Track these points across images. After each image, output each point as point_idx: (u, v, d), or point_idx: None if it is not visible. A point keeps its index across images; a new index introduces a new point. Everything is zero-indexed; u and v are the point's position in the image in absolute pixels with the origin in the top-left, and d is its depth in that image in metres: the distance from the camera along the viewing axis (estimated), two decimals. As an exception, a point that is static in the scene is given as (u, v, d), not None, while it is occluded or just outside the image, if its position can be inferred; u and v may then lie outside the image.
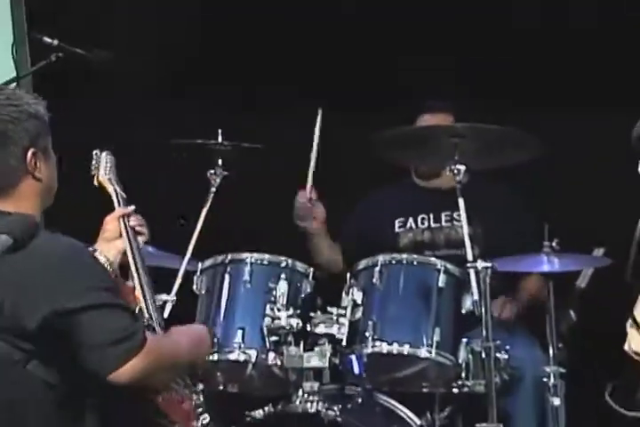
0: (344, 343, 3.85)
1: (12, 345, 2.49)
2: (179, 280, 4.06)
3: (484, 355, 3.94)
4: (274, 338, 3.83)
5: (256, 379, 4.03)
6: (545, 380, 4.22)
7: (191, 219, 4.16)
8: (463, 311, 4.04)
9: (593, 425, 4.33)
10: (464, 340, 4.05)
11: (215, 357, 3.86)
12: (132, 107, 4.86)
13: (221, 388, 4.08)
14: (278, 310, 3.83)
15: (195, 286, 3.99)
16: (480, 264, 3.86)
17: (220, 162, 4.19)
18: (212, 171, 4.18)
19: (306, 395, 3.83)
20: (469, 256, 3.96)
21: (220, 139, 4.18)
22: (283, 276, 3.90)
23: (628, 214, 2.62)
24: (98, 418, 2.56)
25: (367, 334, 3.89)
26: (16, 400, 2.53)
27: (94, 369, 2.49)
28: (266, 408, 3.88)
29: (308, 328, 3.85)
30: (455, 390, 4.08)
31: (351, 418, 3.91)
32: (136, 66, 4.56)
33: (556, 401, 4.18)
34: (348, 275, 4.00)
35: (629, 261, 2.61)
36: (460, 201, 4.04)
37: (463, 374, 4.03)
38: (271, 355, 3.84)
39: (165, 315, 3.72)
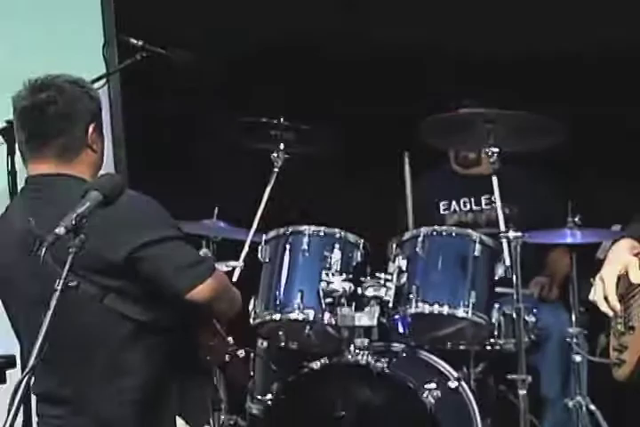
0: (390, 305, 3.86)
1: (91, 282, 2.56)
2: (245, 250, 4.13)
3: (514, 315, 3.94)
4: (328, 300, 3.83)
5: (313, 336, 4.05)
6: (569, 340, 4.23)
7: (257, 196, 4.20)
8: (496, 278, 4.03)
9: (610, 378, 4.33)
10: (496, 305, 4.03)
11: (277, 316, 3.90)
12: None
13: (283, 344, 4.11)
14: (332, 275, 3.85)
15: (259, 255, 4.00)
16: (512, 234, 3.87)
17: (282, 146, 4.23)
18: (275, 154, 4.23)
19: (357, 350, 3.83)
20: (502, 227, 3.98)
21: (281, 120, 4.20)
22: (337, 246, 3.92)
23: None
24: (164, 349, 2.63)
25: (411, 296, 3.89)
26: (92, 331, 2.61)
27: (175, 289, 2.57)
28: (322, 360, 3.92)
29: (359, 291, 3.86)
30: (488, 348, 4.07)
31: (397, 370, 3.92)
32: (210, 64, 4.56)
33: (578, 358, 4.19)
34: (394, 245, 4.00)
35: None
36: (494, 179, 4.04)
37: (495, 333, 4.02)
38: (326, 315, 3.85)
39: (234, 279, 3.77)
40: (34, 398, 4.54)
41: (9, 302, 2.77)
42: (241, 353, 2.91)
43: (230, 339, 2.86)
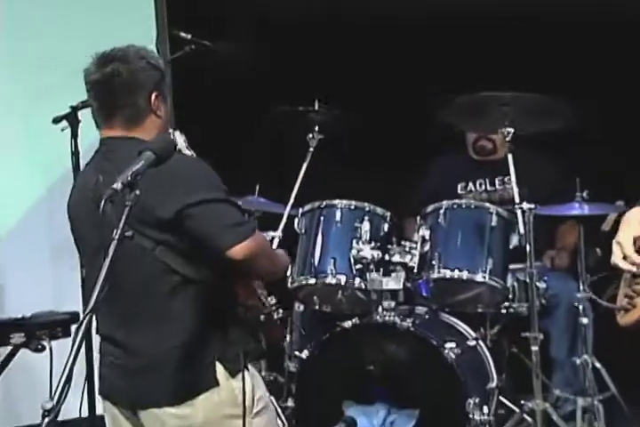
0: (415, 270, 3.85)
1: (144, 235, 2.53)
2: (283, 221, 4.11)
3: (527, 280, 3.90)
4: (359, 266, 3.83)
5: (344, 300, 4.05)
6: (576, 304, 4.17)
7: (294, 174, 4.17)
8: (510, 247, 3.99)
9: (613, 337, 4.26)
10: (510, 273, 4.02)
11: (313, 281, 3.88)
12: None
13: (317, 307, 4.11)
14: (362, 243, 3.83)
15: (296, 226, 4.01)
16: (525, 205, 3.83)
17: (316, 127, 4.19)
18: (311, 135, 4.19)
19: (384, 311, 3.83)
20: (517, 199, 3.92)
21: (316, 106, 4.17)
22: (366, 218, 3.90)
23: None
24: (206, 301, 2.59)
25: (433, 262, 3.88)
26: (144, 280, 2.59)
27: (217, 246, 2.53)
28: (353, 320, 3.89)
29: (386, 258, 3.85)
30: (503, 311, 4.05)
31: (420, 329, 3.89)
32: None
33: (585, 320, 4.13)
34: (418, 217, 3.99)
35: None
36: (510, 157, 3.99)
37: (510, 297, 3.99)
38: (357, 279, 3.84)
39: (274, 247, 3.74)
40: (96, 339, 4.62)
41: (81, 253, 2.77)
42: (278, 314, 2.89)
43: (272, 300, 2.84)
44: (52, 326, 3.27)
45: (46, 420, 1.91)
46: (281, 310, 2.92)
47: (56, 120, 4.13)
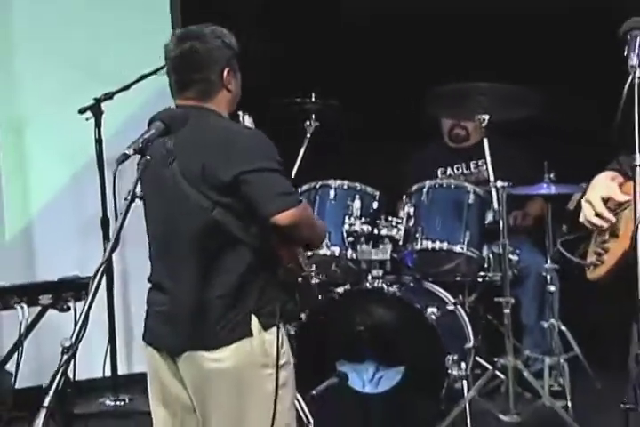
0: (400, 243, 3.83)
1: (205, 196, 2.53)
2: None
3: (500, 250, 3.88)
4: (350, 239, 3.82)
5: (338, 269, 4.01)
6: (544, 274, 4.17)
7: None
8: (486, 222, 3.98)
9: (578, 302, 4.25)
10: (485, 246, 4.00)
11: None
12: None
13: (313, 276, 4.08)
14: (354, 219, 3.83)
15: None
16: (499, 184, 3.82)
17: (313, 116, 4.15)
18: (308, 122, 4.16)
19: (373, 279, 3.81)
20: (491, 177, 3.90)
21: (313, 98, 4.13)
22: (357, 196, 3.88)
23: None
24: (251, 260, 2.57)
25: (417, 235, 3.87)
26: (199, 236, 2.57)
27: (265, 211, 2.50)
28: (345, 287, 3.89)
29: (375, 232, 3.83)
30: (479, 280, 4.04)
31: (405, 294, 3.89)
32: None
33: (552, 288, 4.14)
34: (404, 196, 3.97)
35: None
36: (485, 141, 3.98)
37: (485, 266, 3.98)
38: (349, 251, 3.84)
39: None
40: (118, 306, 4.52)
41: (146, 210, 2.74)
42: (314, 280, 2.91)
43: (313, 267, 2.83)
44: (77, 289, 3.27)
45: (65, 357, 1.89)
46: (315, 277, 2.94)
47: (81, 111, 4.12)
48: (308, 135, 4.15)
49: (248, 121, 3.02)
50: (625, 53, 1.81)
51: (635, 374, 1.65)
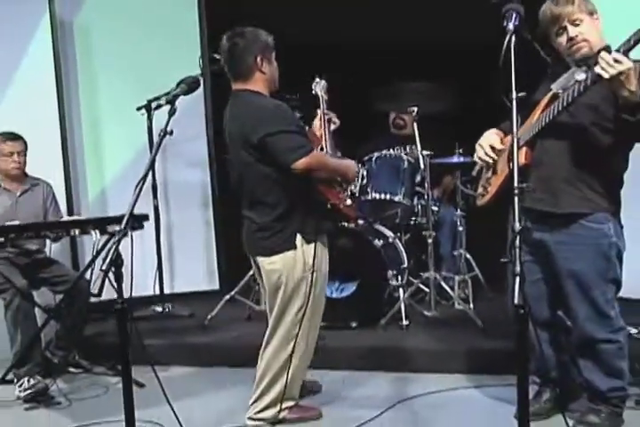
0: (357, 195, 3.79)
1: (248, 153, 2.55)
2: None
3: (425, 202, 3.91)
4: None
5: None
6: (455, 219, 4.20)
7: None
8: (416, 181, 3.98)
9: (478, 238, 4.26)
10: (416, 198, 4.01)
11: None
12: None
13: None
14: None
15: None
16: (425, 153, 3.84)
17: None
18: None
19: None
20: (419, 147, 3.92)
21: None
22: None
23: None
24: (291, 194, 2.58)
25: (368, 190, 3.86)
26: (254, 181, 2.60)
27: (284, 162, 2.48)
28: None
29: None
30: (411, 222, 4.07)
31: (361, 230, 3.89)
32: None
33: (460, 229, 4.18)
34: (359, 163, 3.87)
35: None
36: (415, 126, 3.98)
37: (415, 211, 4.02)
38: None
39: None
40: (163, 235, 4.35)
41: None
42: (348, 203, 2.81)
43: (348, 201, 2.80)
44: (135, 221, 3.26)
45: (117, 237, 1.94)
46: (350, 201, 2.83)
47: (138, 109, 4.10)
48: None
49: (322, 84, 2.97)
50: (504, 24, 1.84)
51: (510, 238, 1.70)
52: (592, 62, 2.17)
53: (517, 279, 1.61)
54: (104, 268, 1.90)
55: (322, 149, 2.85)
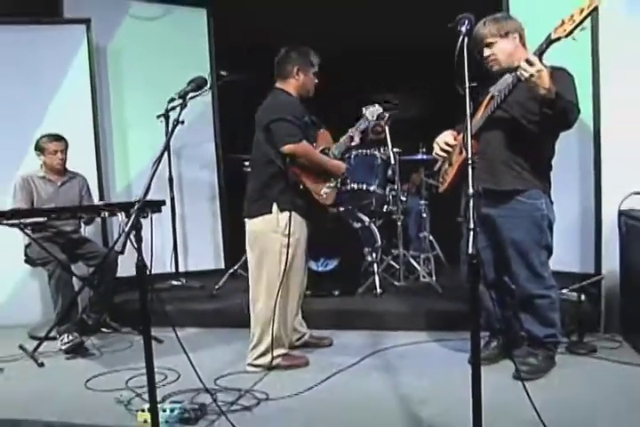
0: (339, 185, 3.71)
1: (261, 134, 2.62)
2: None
3: (395, 193, 3.89)
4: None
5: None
6: (420, 207, 4.21)
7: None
8: (388, 175, 3.96)
9: (440, 223, 4.25)
10: (387, 189, 3.96)
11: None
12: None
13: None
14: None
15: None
16: (395, 150, 3.83)
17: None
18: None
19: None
20: (390, 147, 3.90)
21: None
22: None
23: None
24: (279, 173, 2.59)
25: (348, 180, 3.84)
26: (261, 157, 2.65)
27: (277, 144, 2.53)
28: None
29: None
30: (384, 210, 4.02)
31: (343, 214, 3.88)
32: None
33: (424, 215, 4.18)
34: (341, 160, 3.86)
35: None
36: (387, 129, 3.95)
37: (387, 200, 3.97)
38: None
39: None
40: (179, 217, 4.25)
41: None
42: (324, 190, 2.77)
43: (325, 189, 2.74)
44: (153, 205, 3.25)
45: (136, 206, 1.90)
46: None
47: (158, 116, 4.07)
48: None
49: (373, 108, 3.01)
50: (457, 28, 1.86)
51: (464, 201, 1.70)
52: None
53: (471, 233, 1.58)
54: (127, 230, 1.88)
55: (325, 149, 2.88)
